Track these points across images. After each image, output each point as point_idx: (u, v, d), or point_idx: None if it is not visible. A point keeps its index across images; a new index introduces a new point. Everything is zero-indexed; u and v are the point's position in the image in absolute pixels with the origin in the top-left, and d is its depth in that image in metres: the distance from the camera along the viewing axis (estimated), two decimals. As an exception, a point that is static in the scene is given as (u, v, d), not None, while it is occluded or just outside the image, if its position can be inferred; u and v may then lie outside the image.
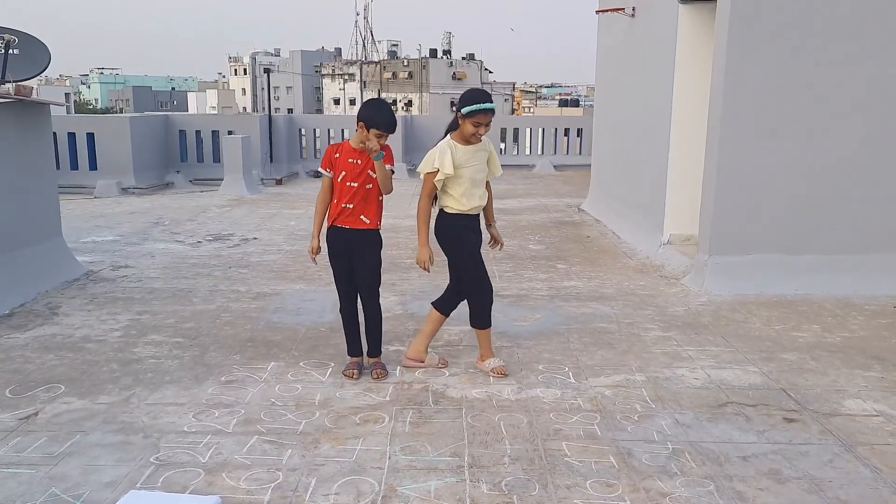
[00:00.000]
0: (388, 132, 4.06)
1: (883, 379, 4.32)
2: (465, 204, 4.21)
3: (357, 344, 4.45)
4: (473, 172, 4.18)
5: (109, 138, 12.84)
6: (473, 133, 4.11)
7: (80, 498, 2.98)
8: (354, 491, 3.06)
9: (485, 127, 4.11)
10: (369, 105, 4.18)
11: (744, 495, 3.04)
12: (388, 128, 4.04)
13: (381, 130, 4.03)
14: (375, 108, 4.11)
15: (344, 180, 4.23)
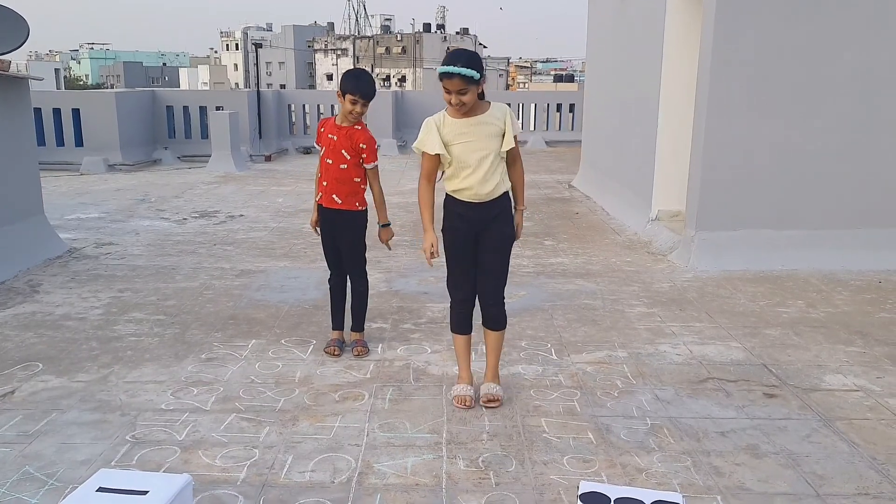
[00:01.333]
0: (363, 99, 3.96)
1: (864, 354, 4.33)
2: (453, 185, 3.53)
3: (340, 317, 4.41)
4: (463, 151, 3.45)
5: (95, 114, 12.68)
6: (448, 101, 3.41)
7: (53, 476, 2.96)
8: (331, 468, 3.05)
9: (456, 95, 3.33)
10: (347, 74, 4.11)
11: (720, 470, 3.04)
12: (362, 94, 3.95)
13: (354, 96, 3.94)
14: (351, 76, 4.04)
15: (323, 156, 4.17)
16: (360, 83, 3.96)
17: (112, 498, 2.36)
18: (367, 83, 3.99)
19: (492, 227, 3.56)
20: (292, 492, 2.88)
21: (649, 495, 2.37)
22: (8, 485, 2.90)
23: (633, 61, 8.48)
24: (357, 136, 4.12)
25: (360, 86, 3.96)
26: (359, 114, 4.03)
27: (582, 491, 2.37)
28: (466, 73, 3.28)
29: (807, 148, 6.20)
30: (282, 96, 16.34)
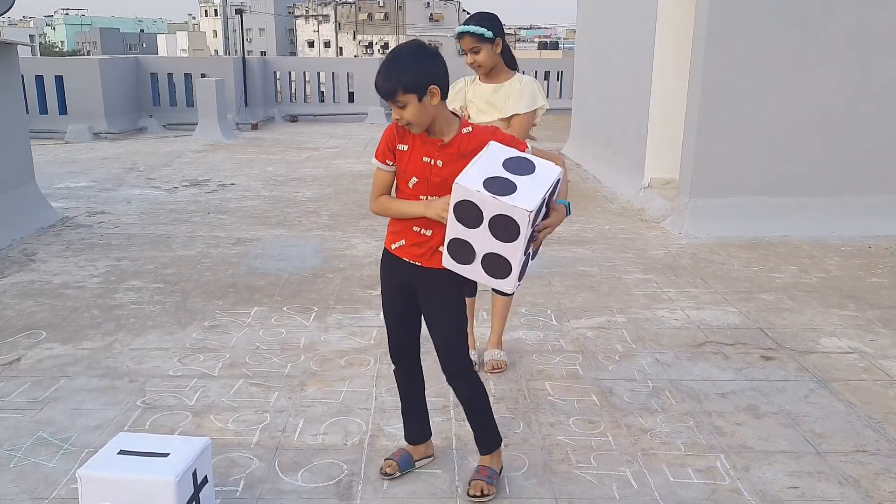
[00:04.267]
0: (389, 100, 2.36)
1: (857, 317, 4.43)
2: None
3: (416, 422, 2.87)
4: (476, 114, 3.45)
5: (79, 81, 12.47)
6: (469, 65, 3.43)
7: (67, 441, 2.99)
8: (342, 431, 3.10)
9: (471, 55, 3.36)
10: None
11: (722, 430, 3.13)
12: (383, 93, 2.36)
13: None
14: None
15: (416, 188, 2.48)
16: (378, 76, 2.35)
17: (134, 460, 2.39)
18: (386, 74, 2.33)
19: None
20: (306, 454, 2.93)
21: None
22: (23, 450, 2.92)
23: (626, 28, 8.46)
24: (475, 138, 2.44)
25: (378, 80, 2.36)
26: (408, 122, 2.37)
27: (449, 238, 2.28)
28: (475, 29, 3.34)
29: (798, 115, 6.25)
30: (267, 63, 16.14)
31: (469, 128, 2.46)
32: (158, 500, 2.32)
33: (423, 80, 2.31)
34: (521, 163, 2.29)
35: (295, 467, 2.83)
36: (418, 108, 2.33)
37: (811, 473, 2.81)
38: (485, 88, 3.49)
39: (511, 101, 3.42)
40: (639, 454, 2.94)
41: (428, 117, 2.38)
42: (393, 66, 2.33)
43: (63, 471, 2.78)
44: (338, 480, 2.75)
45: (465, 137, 2.44)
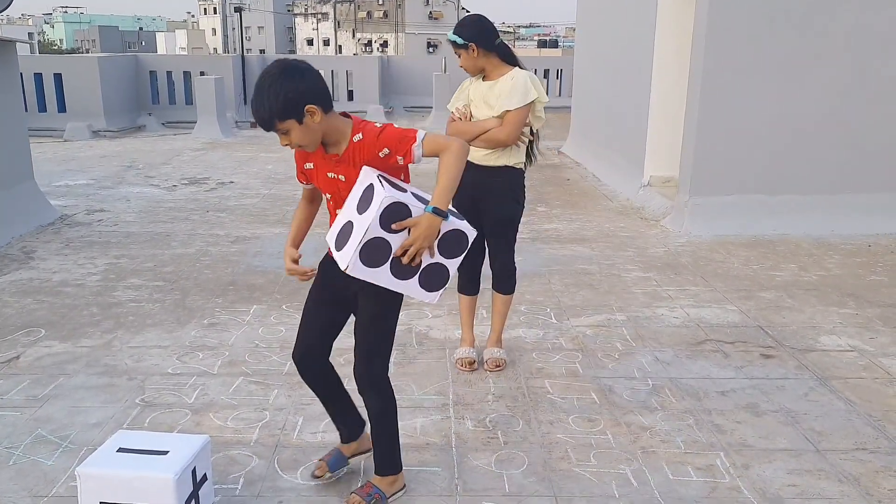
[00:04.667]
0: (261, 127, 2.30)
1: (857, 315, 4.42)
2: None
3: (343, 416, 2.79)
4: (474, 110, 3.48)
5: (78, 79, 12.47)
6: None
7: (66, 439, 2.98)
8: (341, 429, 3.09)
9: (459, 59, 3.46)
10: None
11: (722, 428, 3.12)
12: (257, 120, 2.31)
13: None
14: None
15: (331, 202, 2.56)
16: (252, 109, 2.30)
17: (133, 458, 2.39)
18: (256, 107, 2.25)
19: (489, 201, 3.51)
20: (305, 452, 2.92)
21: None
22: (22, 447, 2.92)
23: (626, 25, 8.45)
24: (365, 146, 2.34)
25: (253, 113, 2.32)
26: (298, 145, 2.32)
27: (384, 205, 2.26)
28: (449, 36, 3.49)
29: (798, 114, 6.24)
30: (266, 61, 16.11)
31: (359, 134, 2.33)
32: (157, 497, 2.32)
33: (295, 103, 2.20)
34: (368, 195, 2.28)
35: (294, 465, 2.83)
36: (302, 131, 2.25)
37: (811, 471, 2.80)
38: (483, 86, 3.48)
39: (503, 98, 3.39)
40: (638, 452, 2.93)
41: (316, 136, 2.29)
42: (260, 98, 2.22)
43: (62, 468, 2.78)
44: (337, 479, 2.75)
45: (357, 146, 2.33)
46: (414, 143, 2.30)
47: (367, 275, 2.28)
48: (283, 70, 2.23)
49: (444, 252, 2.34)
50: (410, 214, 2.23)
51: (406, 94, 17.03)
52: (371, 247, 2.24)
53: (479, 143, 3.43)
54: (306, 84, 2.24)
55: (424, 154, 2.32)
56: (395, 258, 2.28)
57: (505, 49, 3.49)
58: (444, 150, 2.30)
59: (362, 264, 2.26)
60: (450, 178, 2.28)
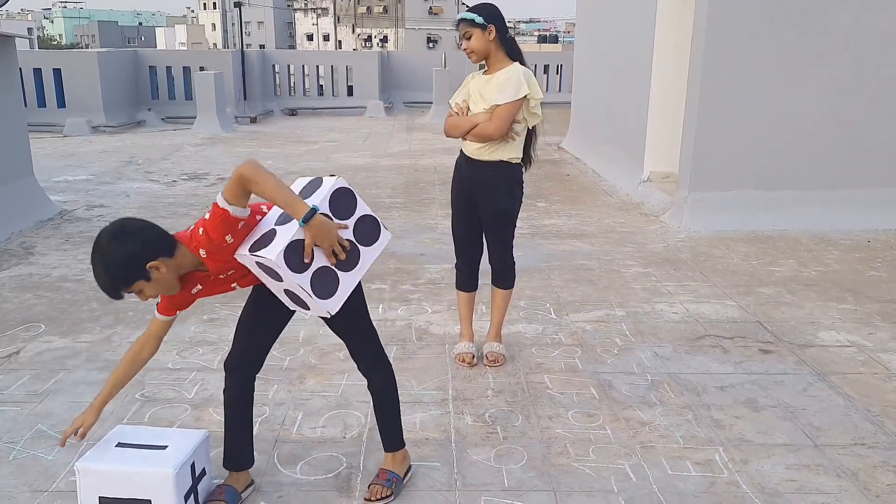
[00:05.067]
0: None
1: (856, 311, 4.43)
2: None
3: (241, 448, 2.65)
4: (472, 105, 3.47)
5: (77, 75, 12.46)
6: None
7: (66, 434, 2.99)
8: (341, 424, 3.11)
9: (465, 41, 3.39)
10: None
11: (721, 423, 3.13)
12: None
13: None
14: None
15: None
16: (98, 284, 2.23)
17: (132, 453, 2.39)
18: (98, 277, 2.21)
19: (484, 195, 3.51)
20: (305, 447, 2.93)
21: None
22: (22, 442, 2.93)
23: (626, 21, 8.44)
24: (215, 254, 2.27)
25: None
26: (154, 297, 2.34)
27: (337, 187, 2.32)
28: (467, 15, 3.36)
29: (798, 109, 6.24)
30: (266, 57, 16.12)
31: (202, 251, 2.24)
32: (157, 492, 2.33)
33: (136, 267, 2.16)
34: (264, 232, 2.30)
35: (294, 460, 2.84)
36: (154, 285, 2.23)
37: (809, 466, 2.81)
38: (482, 79, 3.46)
39: (495, 91, 3.37)
40: (637, 447, 2.94)
41: (172, 280, 2.26)
42: (99, 271, 2.16)
43: (62, 463, 2.79)
44: (337, 473, 2.76)
45: (209, 260, 2.26)
46: (229, 211, 2.16)
47: (342, 296, 2.35)
48: (112, 238, 2.16)
49: (362, 239, 2.36)
50: (303, 242, 2.21)
51: (406, 89, 17.01)
52: (319, 277, 2.27)
53: (470, 137, 3.44)
54: (139, 243, 2.17)
55: (236, 202, 2.17)
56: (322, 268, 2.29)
57: (513, 44, 3.46)
58: (245, 185, 2.14)
59: (331, 299, 2.30)
60: (274, 191, 2.14)
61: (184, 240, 2.26)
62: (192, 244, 2.24)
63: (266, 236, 2.26)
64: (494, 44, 3.39)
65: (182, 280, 2.32)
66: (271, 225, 2.29)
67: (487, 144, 3.42)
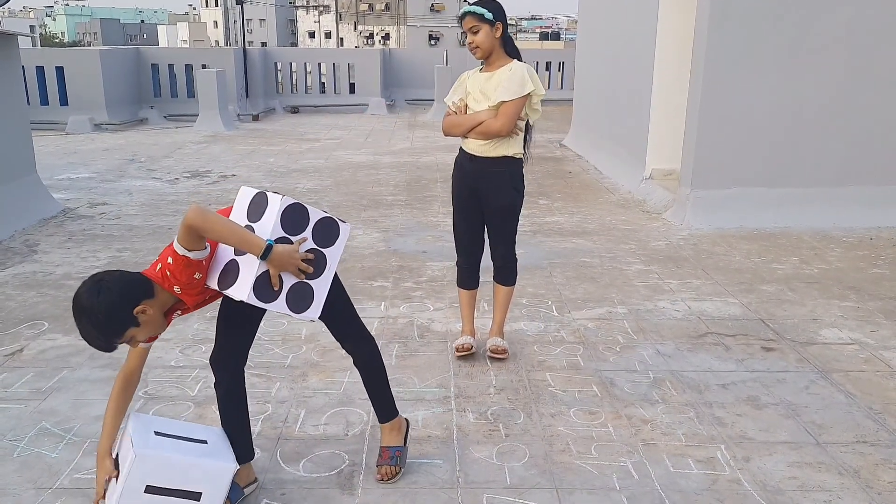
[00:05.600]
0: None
1: (858, 309, 4.43)
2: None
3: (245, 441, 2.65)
4: (472, 103, 3.47)
5: (80, 72, 12.48)
6: (469, 48, 3.45)
7: (70, 431, 3.00)
8: (343, 421, 3.11)
9: (470, 35, 3.36)
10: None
11: (723, 420, 3.13)
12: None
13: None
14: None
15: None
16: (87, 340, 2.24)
17: (181, 444, 2.36)
18: (87, 335, 2.21)
19: (489, 191, 3.52)
20: (307, 444, 2.94)
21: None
22: (26, 440, 2.94)
23: (628, 18, 8.43)
24: (187, 292, 2.32)
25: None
26: (144, 339, 2.37)
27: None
28: (476, 9, 3.32)
29: (800, 107, 6.23)
30: (268, 54, 16.12)
31: (176, 287, 2.27)
32: (211, 485, 2.31)
33: (125, 321, 2.18)
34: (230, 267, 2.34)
35: (297, 457, 2.85)
36: (143, 329, 2.24)
37: (811, 464, 2.81)
38: (481, 77, 3.46)
39: (500, 88, 3.37)
40: (639, 445, 2.94)
41: (159, 319, 2.29)
42: (87, 329, 2.16)
43: (66, 461, 2.80)
44: (339, 471, 2.76)
45: (185, 296, 2.31)
46: (188, 256, 2.19)
47: (321, 300, 2.42)
48: (92, 295, 2.14)
49: (323, 243, 2.39)
50: (268, 273, 2.25)
51: (408, 86, 17.01)
52: (292, 296, 2.33)
53: (474, 135, 3.44)
54: (120, 293, 2.17)
55: (193, 247, 2.20)
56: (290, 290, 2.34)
57: (511, 41, 3.49)
58: (196, 232, 2.16)
59: (311, 308, 2.39)
60: (226, 235, 2.20)
61: (156, 279, 2.26)
62: (164, 284, 2.26)
63: (230, 269, 2.29)
64: (499, 40, 3.39)
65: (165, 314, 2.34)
66: (231, 254, 2.30)
67: (492, 141, 3.42)
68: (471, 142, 3.48)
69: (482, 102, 3.43)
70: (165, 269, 2.24)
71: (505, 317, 3.82)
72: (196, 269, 2.24)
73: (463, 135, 3.50)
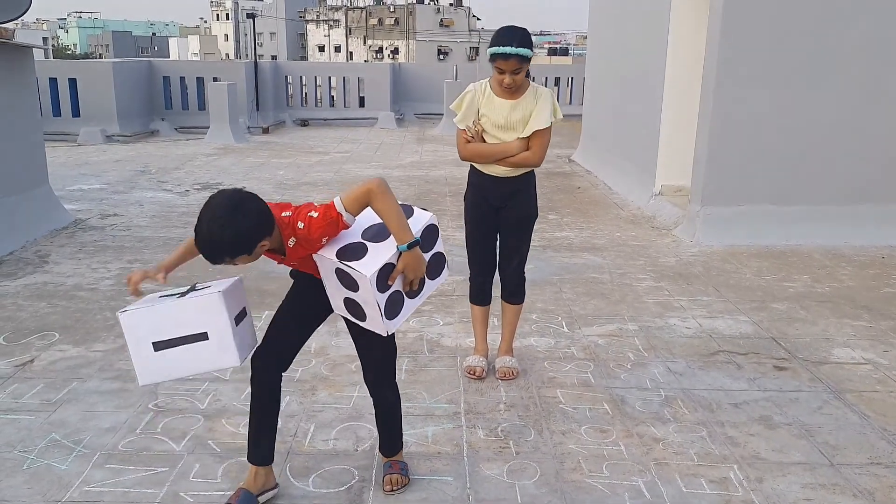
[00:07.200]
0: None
1: (871, 328, 4.39)
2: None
3: (267, 442, 2.67)
4: (491, 127, 3.44)
5: (92, 84, 12.57)
6: (499, 82, 3.34)
7: (80, 443, 3.00)
8: (353, 436, 3.10)
9: (510, 76, 3.27)
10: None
11: (735, 440, 3.11)
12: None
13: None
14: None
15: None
16: (204, 249, 2.27)
17: (171, 299, 2.39)
18: (212, 239, 2.24)
19: (510, 206, 3.56)
20: (317, 459, 2.93)
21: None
22: (36, 451, 2.94)
23: (638, 34, 8.45)
24: (303, 247, 2.42)
25: (205, 252, 2.28)
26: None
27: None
28: (524, 52, 3.24)
29: (811, 124, 6.22)
30: (278, 68, 16.21)
31: (292, 239, 2.36)
32: (210, 319, 2.33)
33: (249, 242, 2.23)
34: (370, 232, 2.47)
35: (306, 472, 2.83)
36: (252, 259, 2.31)
37: (825, 486, 2.78)
38: (502, 104, 3.41)
39: (535, 118, 3.39)
40: (651, 464, 2.92)
41: (259, 255, 2.34)
42: (214, 236, 2.20)
43: (76, 473, 2.79)
44: (349, 486, 2.75)
45: (296, 250, 2.39)
46: (342, 217, 2.34)
47: (401, 320, 2.50)
48: (236, 208, 2.21)
49: (430, 273, 2.54)
50: (393, 266, 2.37)
51: (417, 100, 17.07)
52: (391, 300, 2.42)
53: (505, 164, 3.45)
54: (261, 222, 2.25)
55: (352, 211, 2.35)
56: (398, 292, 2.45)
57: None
58: (369, 199, 2.34)
59: (394, 320, 2.47)
60: (393, 216, 2.35)
61: (279, 221, 2.34)
62: (285, 231, 2.34)
63: (354, 247, 2.39)
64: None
65: None
66: (357, 236, 2.42)
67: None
68: (495, 166, 3.49)
69: (509, 132, 3.42)
70: (298, 220, 2.32)
71: (514, 335, 3.81)
72: (331, 233, 2.34)
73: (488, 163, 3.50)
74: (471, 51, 64.37)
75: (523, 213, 3.60)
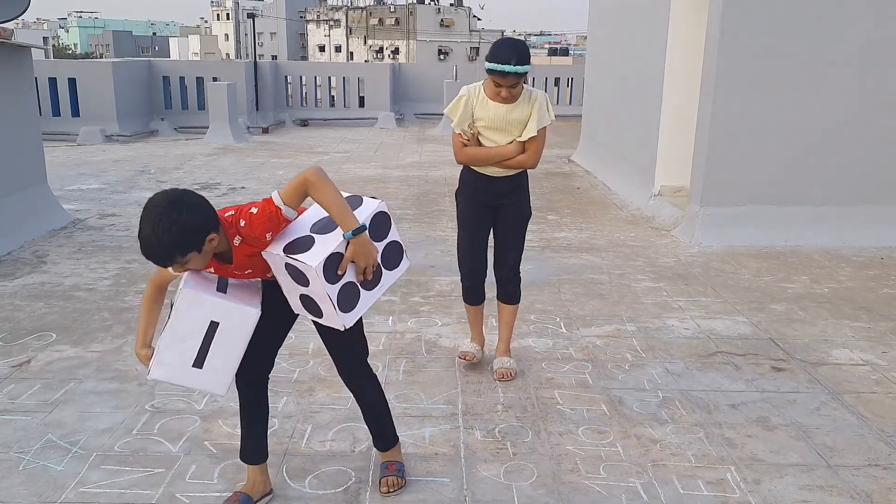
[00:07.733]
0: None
1: (870, 329, 4.39)
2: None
3: (258, 442, 2.69)
4: (487, 130, 3.46)
5: (92, 84, 12.57)
6: (496, 93, 3.35)
7: (76, 444, 2.99)
8: (350, 437, 3.10)
9: (506, 90, 3.31)
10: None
11: (733, 442, 3.10)
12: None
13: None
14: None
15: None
16: (145, 249, 2.21)
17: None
18: (152, 241, 2.17)
19: (506, 204, 3.60)
20: (314, 460, 2.92)
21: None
22: (32, 452, 2.93)
23: (637, 34, 8.45)
24: (249, 244, 2.35)
25: (148, 254, 2.23)
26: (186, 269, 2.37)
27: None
28: (522, 70, 3.27)
29: (811, 124, 6.22)
30: (278, 67, 16.20)
31: (238, 238, 2.31)
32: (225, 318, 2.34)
33: (197, 242, 2.18)
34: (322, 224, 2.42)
35: (303, 474, 2.83)
36: (201, 258, 2.24)
37: (822, 487, 2.78)
38: (496, 107, 3.42)
39: (531, 122, 3.42)
40: (648, 465, 2.91)
41: (210, 256, 2.29)
42: (156, 235, 2.12)
43: (72, 474, 2.79)
44: (345, 488, 2.74)
45: (242, 248, 2.33)
46: (282, 211, 2.29)
47: (359, 313, 2.45)
48: (175, 204, 2.14)
49: (386, 263, 2.49)
50: (342, 255, 2.32)
51: (417, 100, 17.06)
52: (344, 292, 2.37)
53: (502, 166, 3.49)
54: (205, 215, 2.19)
55: (291, 204, 2.29)
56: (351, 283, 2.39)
57: None
58: (307, 189, 2.28)
59: (350, 313, 2.40)
60: (333, 203, 2.29)
61: (223, 222, 2.30)
62: (230, 230, 2.30)
63: (302, 241, 2.34)
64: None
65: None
66: (306, 230, 2.37)
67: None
68: (492, 168, 3.52)
69: (504, 135, 3.45)
70: (240, 217, 2.29)
71: (511, 335, 3.81)
72: (274, 228, 2.29)
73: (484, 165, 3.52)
74: (471, 51, 64.39)
75: (519, 211, 3.63)
